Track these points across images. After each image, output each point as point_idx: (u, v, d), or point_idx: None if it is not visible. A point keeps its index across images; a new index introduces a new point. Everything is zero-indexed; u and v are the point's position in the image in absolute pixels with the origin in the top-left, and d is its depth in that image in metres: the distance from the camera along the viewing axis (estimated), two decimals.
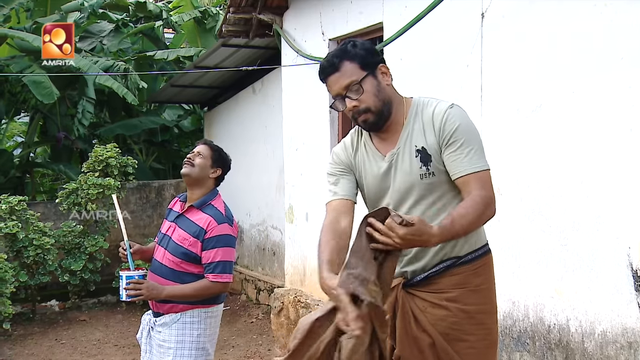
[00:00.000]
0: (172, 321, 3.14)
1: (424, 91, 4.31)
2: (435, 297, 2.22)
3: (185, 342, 3.13)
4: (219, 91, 9.42)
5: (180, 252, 3.13)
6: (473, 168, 2.13)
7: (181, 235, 3.15)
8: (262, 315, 7.27)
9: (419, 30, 4.14)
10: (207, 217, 3.15)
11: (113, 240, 8.15)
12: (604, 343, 3.06)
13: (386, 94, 2.22)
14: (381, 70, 2.23)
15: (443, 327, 2.20)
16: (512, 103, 3.58)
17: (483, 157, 2.18)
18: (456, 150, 2.14)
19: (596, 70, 3.10)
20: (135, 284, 3.06)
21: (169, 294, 3.09)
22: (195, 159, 3.22)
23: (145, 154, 11.29)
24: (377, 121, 2.22)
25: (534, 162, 3.45)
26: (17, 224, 6.90)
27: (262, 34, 6.46)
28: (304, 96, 5.87)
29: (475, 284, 2.23)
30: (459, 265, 2.22)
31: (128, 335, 6.83)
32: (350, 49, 2.20)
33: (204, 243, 3.11)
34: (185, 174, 3.23)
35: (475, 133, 2.20)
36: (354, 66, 2.18)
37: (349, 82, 2.17)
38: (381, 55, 2.28)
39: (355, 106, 2.19)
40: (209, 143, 3.36)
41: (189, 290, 3.10)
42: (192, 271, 3.13)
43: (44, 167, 10.65)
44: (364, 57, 2.19)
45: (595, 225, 3.10)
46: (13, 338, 6.81)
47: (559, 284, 3.30)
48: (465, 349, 2.19)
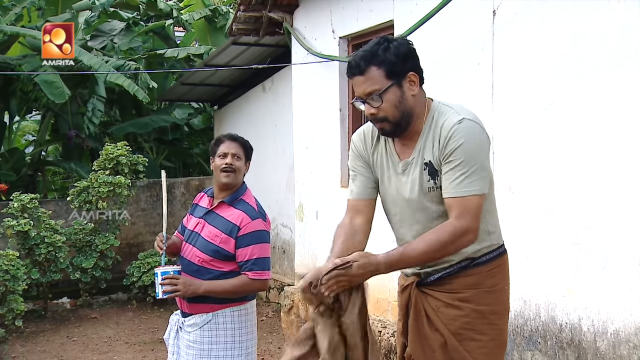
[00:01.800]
0: (203, 322, 3.02)
1: (435, 90, 4.29)
2: (449, 297, 2.22)
3: (220, 342, 3.02)
4: (229, 89, 9.43)
5: (211, 249, 3.01)
6: (458, 192, 2.08)
7: (212, 232, 3.03)
8: (272, 314, 7.28)
9: (430, 28, 4.12)
10: (239, 213, 3.03)
11: (124, 239, 8.19)
12: (616, 342, 3.04)
13: (408, 105, 2.15)
14: (409, 78, 2.14)
15: (455, 327, 2.19)
16: (524, 101, 3.56)
17: (476, 180, 2.08)
18: (450, 170, 2.10)
19: (609, 68, 3.08)
20: (171, 279, 2.94)
21: (207, 290, 2.97)
22: (234, 163, 3.06)
23: (155, 152, 11.33)
24: (394, 130, 2.20)
25: (546, 160, 3.43)
26: (28, 222, 6.94)
27: (272, 32, 6.45)
28: (314, 94, 5.86)
29: (490, 284, 2.22)
30: (473, 266, 2.22)
31: (139, 332, 6.86)
32: (381, 52, 2.10)
33: (238, 240, 2.99)
34: (229, 184, 3.07)
35: (478, 153, 2.10)
36: (380, 73, 2.10)
37: (371, 90, 2.12)
38: (416, 59, 2.17)
39: (373, 114, 2.16)
40: (239, 139, 3.15)
41: (228, 287, 2.99)
42: (223, 269, 3.01)
43: (55, 166, 10.71)
44: (393, 64, 2.10)
45: (608, 224, 3.08)
46: (25, 335, 6.86)
47: (571, 282, 3.28)
48: (476, 348, 2.19)
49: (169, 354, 3.21)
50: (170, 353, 3.17)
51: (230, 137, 3.14)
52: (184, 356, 3.08)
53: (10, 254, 6.67)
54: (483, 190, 2.09)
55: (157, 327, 7.00)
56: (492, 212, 2.26)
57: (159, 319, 7.37)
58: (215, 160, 3.11)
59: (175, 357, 3.13)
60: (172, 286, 2.94)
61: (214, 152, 3.14)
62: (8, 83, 9.06)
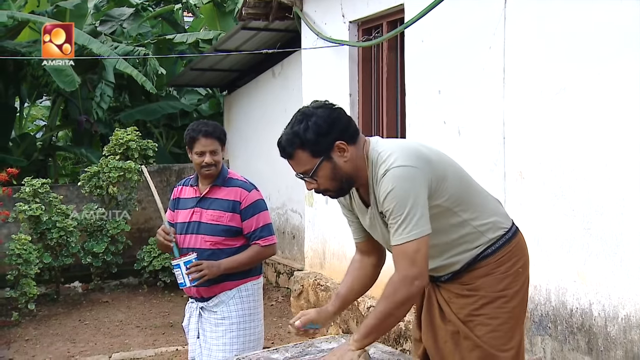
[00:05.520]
0: (228, 298, 3.17)
1: (445, 74, 4.30)
2: (460, 288, 2.23)
3: (246, 315, 3.20)
4: (239, 75, 9.41)
5: (220, 230, 3.13)
6: (395, 240, 2.07)
7: (214, 214, 3.15)
8: (282, 298, 7.32)
9: (440, 12, 4.09)
10: (235, 190, 3.17)
11: (134, 224, 8.23)
12: (627, 327, 3.04)
13: (343, 172, 2.13)
14: (338, 147, 2.10)
15: (465, 314, 2.20)
16: (536, 85, 3.53)
17: (410, 224, 2.03)
18: (388, 220, 2.10)
19: (622, 52, 3.05)
20: (196, 266, 3.04)
21: (227, 267, 3.10)
22: (213, 158, 3.13)
23: (165, 137, 11.36)
24: (340, 194, 2.23)
25: (557, 145, 3.41)
26: (40, 207, 7.00)
27: (282, 17, 6.42)
28: (324, 79, 5.85)
29: (502, 271, 2.22)
30: (481, 259, 2.22)
31: (150, 317, 6.92)
32: (302, 133, 2.07)
33: (242, 213, 3.14)
34: (211, 176, 3.17)
35: (407, 195, 2.04)
36: (305, 155, 2.09)
37: (303, 171, 2.14)
38: (340, 124, 2.11)
39: (313, 187, 2.18)
40: (213, 133, 3.15)
41: (245, 259, 3.15)
42: (236, 245, 3.16)
43: (65, 151, 10.76)
44: (315, 143, 2.07)
45: (620, 209, 3.07)
46: (38, 318, 6.94)
47: (582, 268, 3.27)
48: (488, 332, 2.18)
49: (190, 339, 3.31)
50: (193, 337, 3.27)
51: (205, 134, 3.14)
52: (212, 336, 3.18)
53: (23, 238, 6.73)
54: (421, 233, 2.05)
55: (168, 311, 7.06)
56: (479, 211, 2.23)
57: (170, 303, 7.43)
58: (193, 157, 3.18)
59: (202, 339, 3.22)
60: (198, 272, 3.03)
61: (190, 147, 3.19)
62: (18, 68, 9.09)
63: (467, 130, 4.07)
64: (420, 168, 2.08)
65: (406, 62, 4.68)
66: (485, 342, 2.18)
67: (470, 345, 2.19)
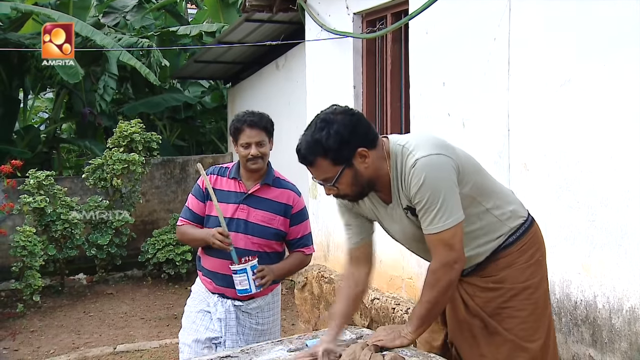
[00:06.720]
0: (265, 304, 3.10)
1: (450, 66, 4.28)
2: (484, 281, 2.24)
3: (277, 319, 3.20)
4: (243, 67, 9.40)
5: (270, 233, 3.00)
6: (432, 229, 2.09)
7: (265, 216, 3.00)
8: (286, 291, 7.34)
9: (445, 3, 4.06)
10: (288, 193, 3.07)
11: (138, 216, 8.25)
12: (632, 319, 3.04)
13: (364, 179, 2.12)
14: (360, 154, 2.08)
15: (492, 308, 2.22)
16: (541, 77, 3.51)
17: (446, 213, 2.06)
18: (421, 210, 2.10)
19: (627, 43, 3.03)
20: (261, 271, 2.90)
21: (278, 274, 3.01)
22: (259, 150, 2.97)
23: (169, 130, 11.36)
24: (358, 198, 2.22)
25: (562, 137, 3.40)
26: (44, 199, 7.02)
27: (286, 9, 6.40)
28: (328, 71, 5.83)
29: (524, 260, 2.24)
30: (503, 248, 2.23)
31: (154, 308, 6.95)
32: (324, 141, 2.03)
33: (292, 219, 3.04)
34: (258, 170, 3.00)
35: (439, 183, 2.06)
36: (327, 163, 2.06)
37: (324, 178, 2.11)
38: (361, 130, 2.09)
39: (333, 193, 2.18)
40: (259, 123, 3.00)
41: (292, 267, 3.12)
42: (278, 249, 3.07)
43: (69, 143, 10.78)
44: (337, 151, 2.04)
45: (624, 201, 3.06)
46: (43, 310, 6.97)
47: (587, 260, 3.26)
48: (517, 325, 2.21)
49: (224, 329, 3.02)
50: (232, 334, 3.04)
51: (250, 124, 2.98)
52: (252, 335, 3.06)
53: (27, 230, 6.76)
54: (457, 220, 2.07)
55: (172, 303, 7.08)
56: (500, 199, 2.25)
57: (174, 295, 7.45)
58: (238, 149, 3.01)
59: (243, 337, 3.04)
60: (263, 278, 2.90)
61: (235, 139, 3.02)
62: (22, 60, 9.09)
63: (472, 122, 4.06)
64: (448, 155, 2.10)
65: (410, 54, 4.66)
66: (514, 334, 2.20)
67: (500, 340, 2.21)
